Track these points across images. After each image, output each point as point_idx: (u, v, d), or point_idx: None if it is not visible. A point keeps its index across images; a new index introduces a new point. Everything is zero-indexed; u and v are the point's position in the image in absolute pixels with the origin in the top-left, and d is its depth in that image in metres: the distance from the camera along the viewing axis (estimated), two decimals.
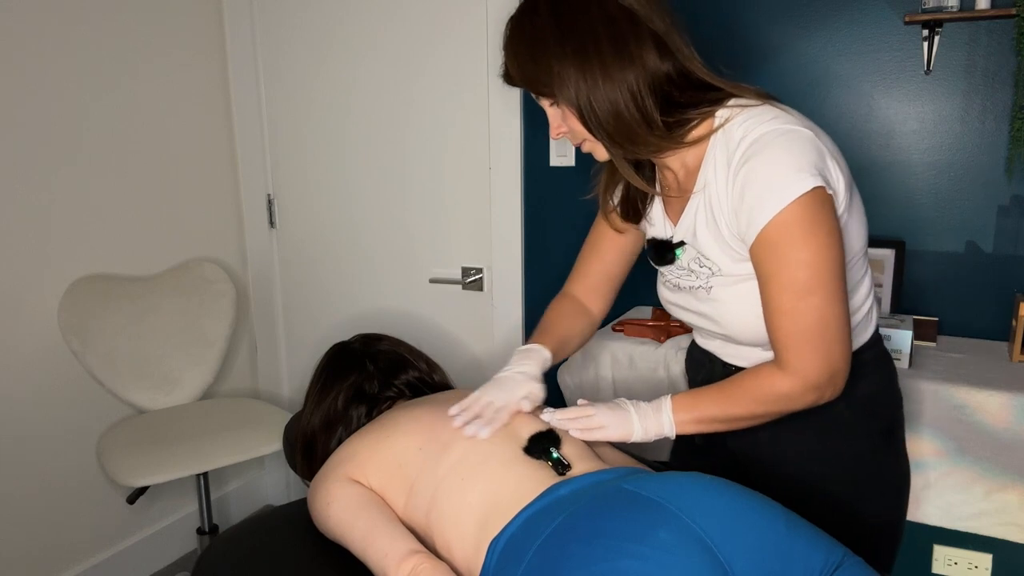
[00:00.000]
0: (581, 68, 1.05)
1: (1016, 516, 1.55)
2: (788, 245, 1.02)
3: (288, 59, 2.53)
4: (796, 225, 1.01)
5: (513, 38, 1.11)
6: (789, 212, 1.01)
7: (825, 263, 1.02)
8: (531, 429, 1.17)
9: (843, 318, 1.05)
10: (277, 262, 2.71)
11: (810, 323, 1.04)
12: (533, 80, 1.10)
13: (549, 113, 1.15)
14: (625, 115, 1.06)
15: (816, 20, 1.91)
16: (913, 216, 1.89)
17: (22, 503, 2.15)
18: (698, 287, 1.18)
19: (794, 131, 1.04)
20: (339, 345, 1.47)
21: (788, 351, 1.06)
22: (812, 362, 1.05)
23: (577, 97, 1.06)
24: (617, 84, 1.04)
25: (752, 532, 0.93)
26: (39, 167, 2.11)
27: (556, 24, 1.06)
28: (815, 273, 1.02)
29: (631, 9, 1.05)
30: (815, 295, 1.03)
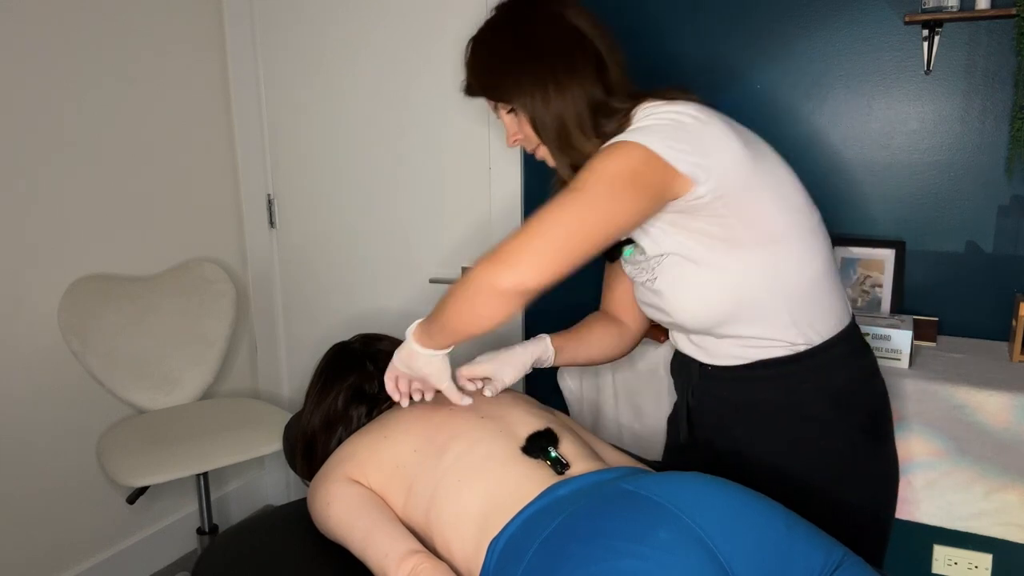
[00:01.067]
0: (535, 78, 1.17)
1: (1016, 516, 1.55)
2: (595, 157, 1.09)
3: (288, 59, 2.53)
4: (607, 153, 1.08)
5: (476, 52, 1.25)
6: (613, 144, 1.09)
7: (603, 189, 1.05)
8: (529, 428, 1.17)
9: (566, 232, 1.04)
10: (277, 262, 2.71)
11: (551, 208, 1.05)
12: (493, 88, 1.23)
13: (506, 121, 1.26)
14: (567, 123, 1.17)
15: (816, 20, 1.91)
16: (913, 216, 1.89)
17: (22, 503, 2.15)
18: (646, 280, 1.24)
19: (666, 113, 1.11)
20: (339, 345, 1.47)
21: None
22: (520, 231, 1.04)
23: (532, 105, 1.18)
24: (564, 95, 1.16)
25: (752, 532, 0.93)
26: (39, 167, 2.11)
27: (515, 38, 1.20)
28: (590, 184, 1.05)
29: (580, 29, 1.19)
30: (573, 195, 1.05)
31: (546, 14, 1.20)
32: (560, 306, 2.37)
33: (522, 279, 1.03)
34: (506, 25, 1.22)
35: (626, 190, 1.05)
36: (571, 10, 1.20)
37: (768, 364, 1.19)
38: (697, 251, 1.14)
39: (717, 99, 2.00)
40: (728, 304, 1.16)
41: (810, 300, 1.17)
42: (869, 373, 1.25)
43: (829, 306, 1.20)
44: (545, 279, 1.04)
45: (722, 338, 1.21)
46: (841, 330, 1.21)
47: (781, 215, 1.14)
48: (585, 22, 1.19)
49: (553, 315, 1.64)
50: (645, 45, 2.09)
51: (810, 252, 1.17)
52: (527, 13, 1.21)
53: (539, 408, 1.29)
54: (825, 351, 1.19)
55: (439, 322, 1.15)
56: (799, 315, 1.17)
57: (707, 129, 1.10)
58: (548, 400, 1.50)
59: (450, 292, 1.11)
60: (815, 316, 1.18)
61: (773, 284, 1.14)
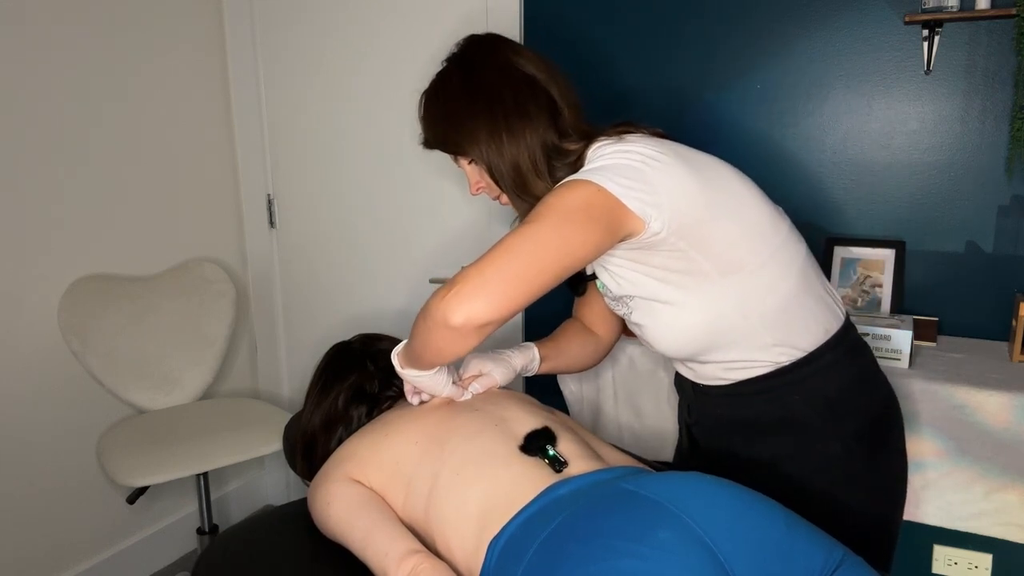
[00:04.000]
0: (489, 129, 1.18)
1: (1016, 516, 1.55)
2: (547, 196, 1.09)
3: (288, 59, 2.53)
4: (562, 187, 1.09)
5: (429, 105, 1.27)
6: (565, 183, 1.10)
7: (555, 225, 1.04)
8: (527, 427, 1.17)
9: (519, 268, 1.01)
10: (277, 262, 2.71)
11: (503, 244, 1.03)
12: (449, 141, 1.24)
13: (467, 171, 1.27)
14: (523, 168, 1.18)
15: (816, 20, 1.91)
16: (913, 216, 1.89)
17: (22, 503, 2.15)
18: (624, 313, 1.26)
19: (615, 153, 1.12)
20: (339, 345, 1.47)
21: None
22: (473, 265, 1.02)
23: (488, 155, 1.20)
24: (518, 142, 1.18)
25: (752, 532, 0.93)
26: (39, 167, 2.11)
27: (467, 89, 1.21)
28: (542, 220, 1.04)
29: (531, 76, 1.20)
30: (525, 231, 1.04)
31: (496, 63, 1.21)
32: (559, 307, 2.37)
33: (475, 315, 1.00)
34: (457, 77, 1.23)
35: (579, 221, 1.05)
36: (522, 57, 1.21)
37: (755, 381, 1.19)
38: (663, 291, 1.15)
39: (717, 100, 2.01)
40: (703, 336, 1.16)
41: (788, 317, 1.16)
42: (865, 376, 1.23)
43: (811, 316, 1.18)
44: (500, 314, 1.01)
45: (706, 363, 1.22)
46: (830, 337, 1.19)
47: (744, 241, 1.13)
48: (536, 68, 1.21)
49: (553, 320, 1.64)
50: (644, 46, 2.09)
51: (780, 270, 1.16)
52: (477, 63, 1.22)
53: (538, 407, 1.29)
54: (812, 361, 1.18)
55: (414, 350, 1.14)
56: (779, 334, 1.16)
57: (655, 166, 1.10)
58: (548, 400, 1.50)
59: (417, 320, 1.09)
60: (796, 331, 1.17)
61: (746, 310, 1.14)
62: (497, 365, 1.33)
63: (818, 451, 1.19)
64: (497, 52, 1.22)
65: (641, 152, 1.11)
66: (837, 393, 1.19)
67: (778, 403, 1.19)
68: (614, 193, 1.05)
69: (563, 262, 1.04)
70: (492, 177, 1.22)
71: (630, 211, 1.06)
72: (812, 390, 1.18)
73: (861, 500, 1.20)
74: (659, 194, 1.07)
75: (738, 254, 1.13)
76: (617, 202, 1.06)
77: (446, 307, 1.00)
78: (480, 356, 1.34)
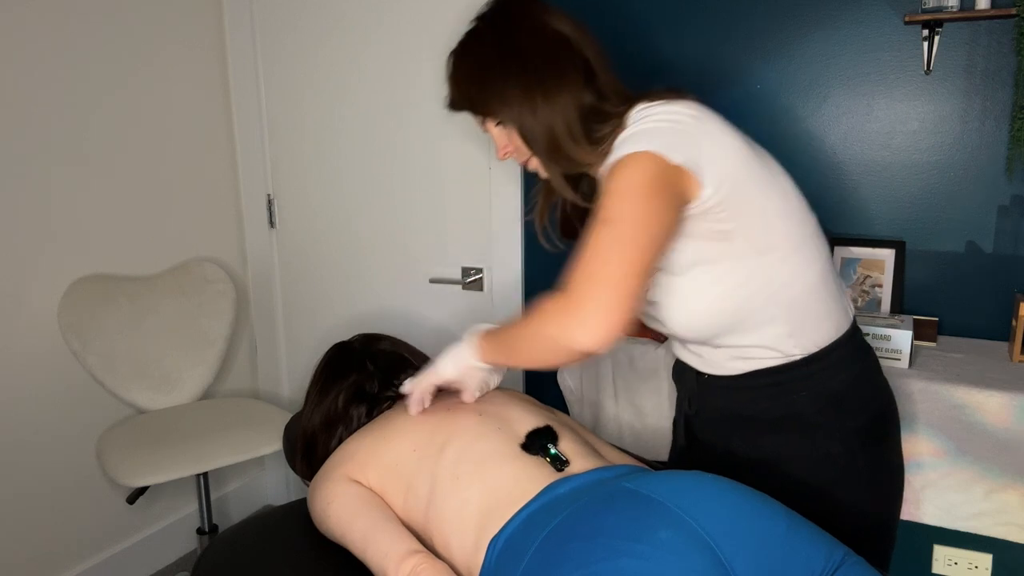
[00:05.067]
0: (523, 90, 1.14)
1: (1016, 516, 1.55)
2: (609, 182, 1.06)
3: (288, 59, 2.53)
4: (619, 170, 1.06)
5: (458, 65, 1.22)
6: (621, 162, 1.06)
7: (628, 203, 1.03)
8: (528, 426, 1.17)
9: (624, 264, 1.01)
10: (277, 262, 2.71)
11: (590, 249, 1.03)
12: (479, 102, 1.20)
13: (494, 135, 1.23)
14: (557, 132, 1.15)
15: (816, 20, 1.91)
16: (913, 216, 1.89)
17: (22, 503, 2.15)
18: None
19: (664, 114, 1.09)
20: (339, 345, 1.47)
21: (570, 273, 1.05)
22: (583, 288, 1.02)
23: (520, 117, 1.16)
24: (553, 104, 1.14)
25: (753, 531, 0.93)
26: (39, 167, 2.11)
27: (499, 49, 1.17)
28: (613, 204, 1.04)
29: (565, 36, 1.16)
30: (606, 226, 1.03)
31: (530, 22, 1.17)
32: None
33: (600, 338, 1.02)
34: (489, 36, 1.19)
35: (655, 203, 1.04)
36: (554, 17, 1.18)
37: (764, 373, 1.18)
38: (692, 265, 1.13)
39: (717, 99, 2.01)
40: (724, 315, 1.15)
41: (806, 309, 1.16)
42: (869, 375, 1.23)
43: (826, 313, 1.18)
44: (621, 328, 1.03)
45: (718, 348, 1.20)
46: (840, 336, 1.19)
47: (780, 221, 1.13)
48: (569, 28, 1.17)
49: None
50: (644, 46, 2.09)
51: (806, 261, 1.15)
52: (510, 22, 1.19)
53: (538, 407, 1.29)
54: (822, 358, 1.17)
55: (506, 352, 1.16)
56: (795, 325, 1.15)
57: (706, 128, 1.08)
58: (548, 400, 1.50)
59: (524, 329, 1.10)
60: (812, 325, 1.17)
61: (770, 294, 1.13)
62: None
63: (821, 449, 1.18)
64: (530, 12, 1.18)
65: (690, 114, 1.09)
66: (843, 391, 1.19)
67: (783, 399, 1.18)
68: (672, 159, 1.04)
69: (655, 250, 1.04)
70: (524, 140, 1.18)
71: (690, 175, 1.05)
72: (818, 386, 1.17)
73: (861, 498, 1.20)
74: (712, 158, 1.07)
75: (773, 235, 1.12)
76: (678, 168, 1.04)
77: (572, 335, 1.02)
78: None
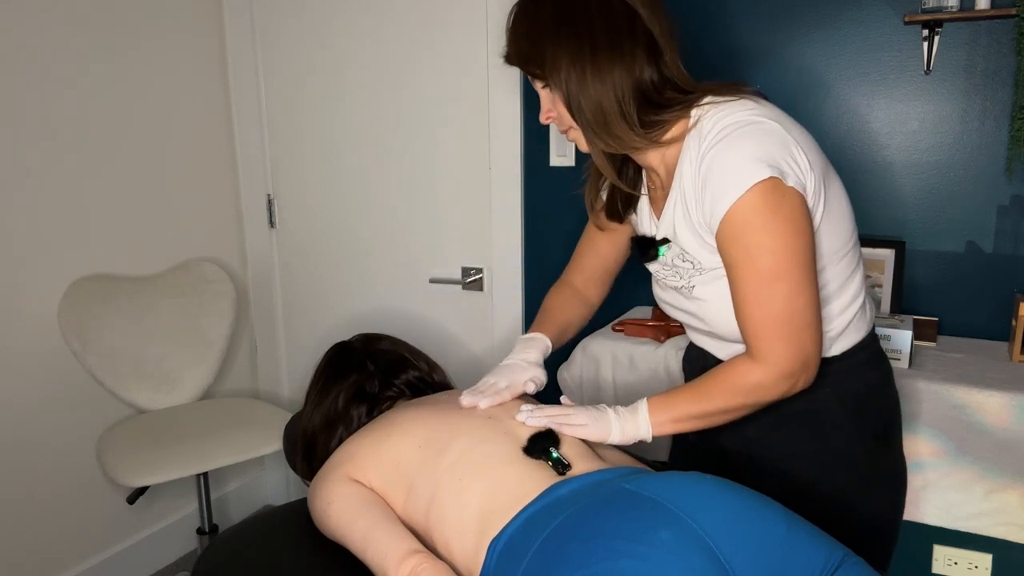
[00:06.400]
0: (573, 56, 1.08)
1: (1016, 516, 1.55)
2: (749, 232, 1.04)
3: (288, 59, 2.53)
4: (754, 212, 1.03)
5: (517, 19, 1.15)
6: (747, 199, 1.03)
7: (788, 250, 1.03)
8: (530, 429, 1.17)
9: (812, 305, 1.06)
10: (277, 262, 2.71)
11: (778, 310, 1.05)
12: (527, 60, 1.14)
13: (541, 96, 1.18)
14: (606, 108, 1.09)
15: (816, 20, 1.91)
16: (913, 216, 1.89)
17: (22, 503, 2.15)
18: (682, 286, 1.20)
19: (758, 122, 1.06)
20: (339, 345, 1.47)
21: (758, 340, 1.07)
22: (783, 350, 1.06)
23: (566, 83, 1.10)
24: (604, 78, 1.08)
25: (753, 532, 0.93)
26: (39, 167, 2.11)
27: (557, 10, 1.10)
28: (779, 260, 1.03)
29: (634, 8, 1.09)
30: (781, 282, 1.04)
31: None
32: None
33: (813, 377, 1.10)
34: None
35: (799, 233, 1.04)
36: None
37: None
38: None
39: None
40: None
41: (843, 318, 1.16)
42: (887, 380, 1.24)
43: (858, 321, 1.18)
44: (819, 343, 1.09)
45: None
46: (863, 339, 1.20)
47: (842, 227, 1.13)
48: (640, 2, 1.09)
49: None
50: None
51: (853, 265, 1.16)
52: None
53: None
54: (845, 359, 1.17)
55: (697, 425, 1.15)
56: (835, 332, 1.16)
57: (793, 137, 1.07)
58: (548, 400, 1.50)
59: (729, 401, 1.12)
60: (843, 332, 1.17)
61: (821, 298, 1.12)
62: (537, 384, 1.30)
63: (837, 449, 1.18)
64: None
65: (774, 120, 1.07)
66: (864, 390, 1.19)
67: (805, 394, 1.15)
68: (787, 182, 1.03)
69: (813, 264, 1.06)
70: (568, 109, 1.13)
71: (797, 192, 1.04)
72: (842, 385, 1.17)
73: (870, 499, 1.20)
74: (802, 168, 1.06)
75: (836, 241, 1.12)
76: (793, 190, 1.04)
77: (786, 387, 1.09)
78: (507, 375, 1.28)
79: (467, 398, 1.22)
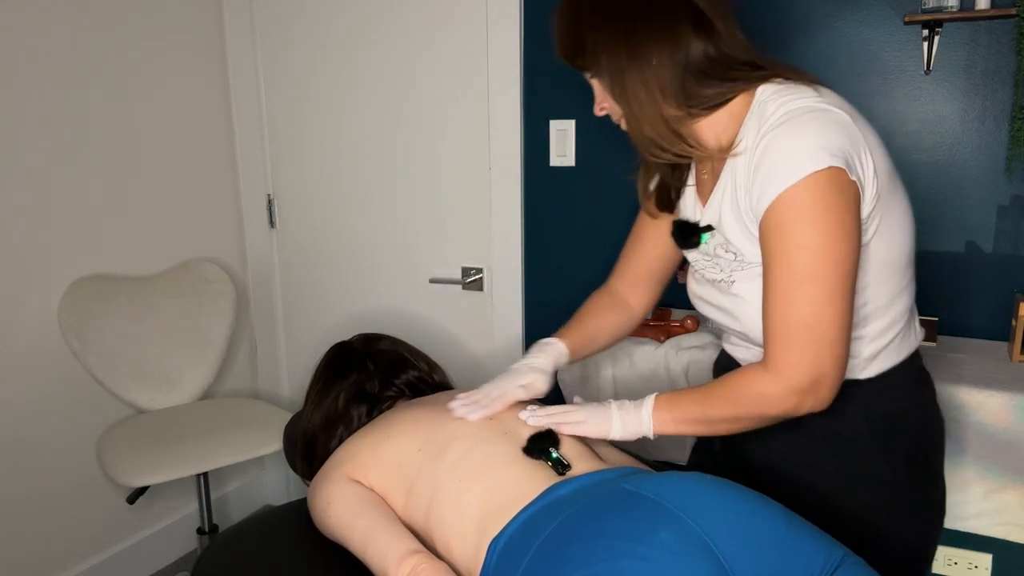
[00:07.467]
0: (611, 42, 1.06)
1: (1016, 516, 1.55)
2: (792, 224, 0.98)
3: (288, 59, 2.53)
4: (803, 203, 0.97)
5: (559, 14, 1.13)
6: (799, 188, 0.96)
7: (828, 252, 0.96)
8: (530, 429, 1.17)
9: (840, 318, 0.98)
10: (277, 262, 2.71)
11: (800, 315, 0.98)
12: (572, 54, 1.12)
13: (593, 86, 1.14)
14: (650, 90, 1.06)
15: (816, 20, 1.91)
16: (913, 216, 1.89)
17: (22, 503, 2.15)
18: (721, 280, 1.15)
19: (827, 111, 1.00)
20: (339, 345, 1.47)
21: (774, 344, 1.01)
22: (795, 360, 0.99)
23: (608, 71, 1.08)
24: (643, 61, 1.04)
25: (753, 532, 0.93)
26: (39, 167, 2.11)
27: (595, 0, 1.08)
28: (815, 261, 0.97)
29: None
30: (811, 285, 0.97)
31: None
32: (561, 314, 2.35)
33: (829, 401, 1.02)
34: None
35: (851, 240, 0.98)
36: None
37: None
38: None
39: None
40: None
41: (882, 340, 1.10)
42: (925, 402, 1.17)
43: (899, 344, 1.12)
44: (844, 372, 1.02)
45: None
46: (905, 358, 1.14)
47: (901, 238, 1.07)
48: None
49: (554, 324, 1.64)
50: None
51: (899, 287, 1.10)
52: None
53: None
54: (881, 379, 1.12)
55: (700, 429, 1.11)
56: (874, 348, 1.10)
57: (861, 131, 1.02)
58: (548, 400, 1.50)
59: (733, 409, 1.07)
60: (879, 354, 1.11)
61: (870, 311, 1.07)
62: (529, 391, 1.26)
63: (862, 469, 1.13)
64: None
65: (845, 112, 1.01)
66: (897, 410, 1.13)
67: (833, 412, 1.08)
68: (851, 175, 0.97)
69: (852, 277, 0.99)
70: (612, 95, 1.10)
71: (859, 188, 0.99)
72: (874, 405, 1.12)
73: (899, 527, 1.14)
74: (869, 168, 1.01)
75: (893, 252, 1.07)
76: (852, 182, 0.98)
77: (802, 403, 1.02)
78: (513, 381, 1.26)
79: (459, 408, 1.20)
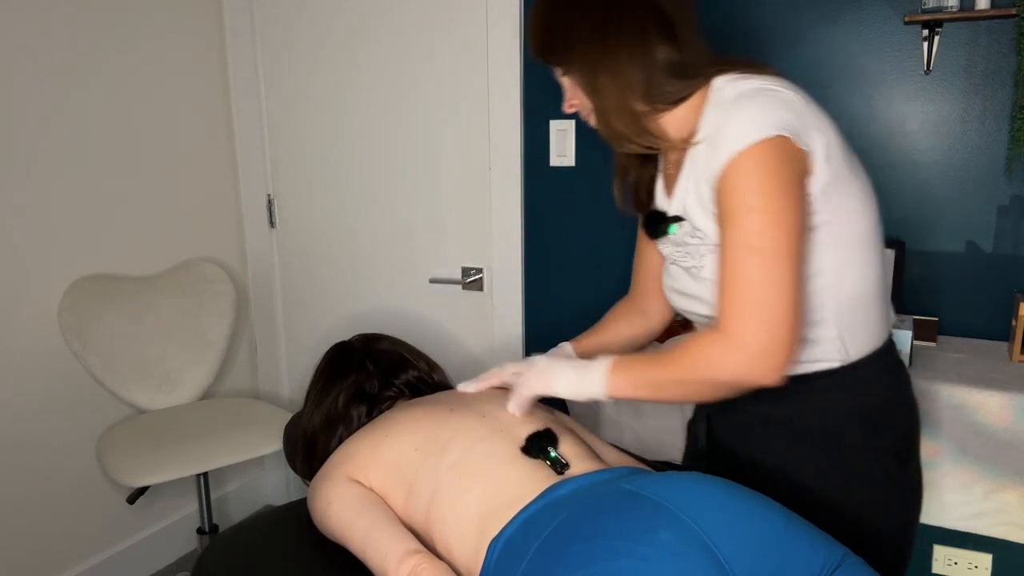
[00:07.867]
0: (584, 39, 1.11)
1: (1016, 516, 1.55)
2: (741, 188, 1.01)
3: (288, 59, 2.53)
4: (751, 168, 1.00)
5: (533, 13, 1.18)
6: (747, 154, 1.00)
7: (776, 215, 0.99)
8: (528, 429, 1.17)
9: (789, 281, 1.00)
10: (277, 262, 2.72)
11: (750, 277, 1.00)
12: (544, 50, 1.17)
13: (563, 84, 1.19)
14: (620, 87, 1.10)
15: (816, 20, 1.91)
16: (913, 216, 1.89)
17: (22, 503, 2.15)
18: (691, 266, 1.17)
19: (776, 91, 1.05)
20: (339, 345, 1.47)
21: (724, 307, 1.02)
22: (747, 324, 1.00)
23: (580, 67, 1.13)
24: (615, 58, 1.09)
25: (752, 532, 0.93)
26: (39, 167, 2.11)
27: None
28: (763, 223, 0.99)
29: None
30: (759, 248, 0.99)
31: None
32: (561, 314, 2.36)
33: (782, 371, 1.01)
34: None
35: (798, 208, 1.00)
36: None
37: (800, 379, 1.12)
38: None
39: None
40: None
41: (857, 315, 1.11)
42: (902, 392, 1.18)
43: (874, 322, 1.14)
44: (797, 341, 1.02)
45: None
46: (878, 347, 1.15)
47: (862, 217, 1.09)
48: None
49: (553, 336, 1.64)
50: None
51: (874, 260, 1.12)
52: None
53: (539, 408, 1.29)
54: (859, 368, 1.12)
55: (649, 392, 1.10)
56: (844, 329, 1.10)
57: (812, 110, 1.05)
58: (547, 400, 1.50)
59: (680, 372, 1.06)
60: (858, 332, 1.12)
61: (833, 292, 1.09)
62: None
63: (854, 468, 1.13)
64: None
65: (795, 92, 1.05)
66: (879, 405, 1.14)
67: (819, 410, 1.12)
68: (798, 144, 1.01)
69: (800, 243, 1.01)
70: (586, 94, 1.14)
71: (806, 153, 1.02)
72: (856, 400, 1.12)
73: (888, 516, 1.15)
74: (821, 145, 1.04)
75: (855, 230, 1.09)
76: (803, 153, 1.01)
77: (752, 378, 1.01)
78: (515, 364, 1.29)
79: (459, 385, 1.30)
